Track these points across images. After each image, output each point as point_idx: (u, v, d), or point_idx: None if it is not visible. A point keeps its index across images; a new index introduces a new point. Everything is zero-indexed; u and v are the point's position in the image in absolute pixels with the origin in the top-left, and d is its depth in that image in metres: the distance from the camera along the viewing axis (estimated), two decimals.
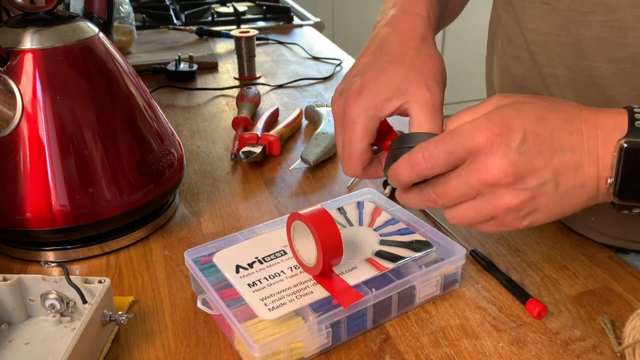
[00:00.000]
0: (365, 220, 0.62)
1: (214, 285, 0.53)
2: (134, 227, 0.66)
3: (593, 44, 0.53)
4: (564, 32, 0.55)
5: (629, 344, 0.46)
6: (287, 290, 0.51)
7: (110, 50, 0.65)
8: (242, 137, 0.85)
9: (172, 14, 1.60)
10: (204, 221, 0.71)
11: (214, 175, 0.81)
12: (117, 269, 0.63)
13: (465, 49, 2.92)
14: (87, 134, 0.60)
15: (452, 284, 0.58)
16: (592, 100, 0.55)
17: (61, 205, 0.60)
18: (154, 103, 0.70)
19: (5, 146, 0.59)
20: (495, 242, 0.65)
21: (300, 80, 1.18)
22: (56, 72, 0.59)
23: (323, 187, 0.78)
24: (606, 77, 0.53)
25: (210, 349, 0.52)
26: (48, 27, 0.60)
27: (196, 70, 1.19)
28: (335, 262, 0.52)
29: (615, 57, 0.52)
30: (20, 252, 0.64)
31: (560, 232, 0.66)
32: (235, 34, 1.17)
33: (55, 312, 0.53)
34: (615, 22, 0.51)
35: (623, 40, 0.51)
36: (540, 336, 0.52)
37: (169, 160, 0.68)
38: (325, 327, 0.49)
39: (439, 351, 0.51)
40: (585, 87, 0.55)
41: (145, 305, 0.57)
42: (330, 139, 0.85)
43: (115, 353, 0.52)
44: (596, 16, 0.52)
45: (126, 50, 1.30)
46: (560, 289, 0.58)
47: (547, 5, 0.56)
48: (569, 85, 0.56)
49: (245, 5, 1.71)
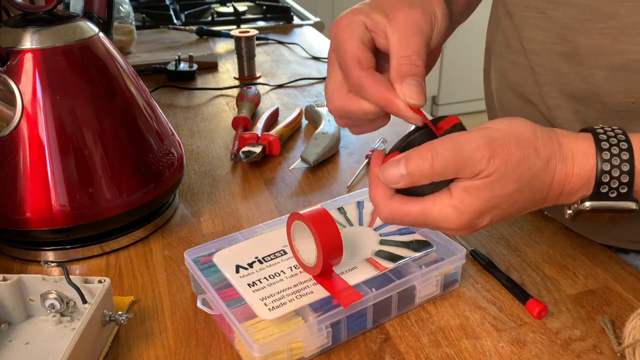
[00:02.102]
0: (365, 220, 0.62)
1: (214, 285, 0.53)
2: (133, 227, 0.66)
3: (589, 51, 0.53)
4: (560, 41, 0.55)
5: (629, 344, 0.46)
6: (287, 290, 0.51)
7: (110, 50, 0.65)
8: (242, 137, 0.85)
9: (172, 13, 1.60)
10: (204, 221, 0.71)
11: (214, 175, 0.81)
12: (117, 269, 0.63)
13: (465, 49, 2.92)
14: (87, 134, 0.60)
15: (452, 283, 0.58)
16: (588, 106, 0.55)
17: (61, 205, 0.59)
18: (154, 103, 0.70)
19: (5, 146, 0.59)
20: (495, 242, 0.65)
21: (300, 80, 1.18)
22: (56, 72, 0.59)
23: (323, 187, 0.78)
24: (602, 84, 0.53)
25: (210, 349, 0.52)
26: (48, 27, 0.60)
27: (196, 70, 1.19)
28: (335, 262, 0.52)
29: (611, 64, 0.52)
30: (20, 252, 0.64)
31: (560, 232, 0.66)
32: (235, 33, 1.17)
33: (55, 312, 0.53)
34: (612, 29, 0.51)
35: (619, 47, 0.51)
36: (540, 336, 0.52)
37: (168, 160, 0.68)
38: (325, 327, 0.49)
39: (439, 351, 0.51)
40: (582, 93, 0.55)
41: (145, 305, 0.57)
42: (330, 139, 0.85)
43: (115, 353, 0.52)
44: (594, 24, 0.52)
45: (126, 50, 1.30)
46: (560, 289, 0.58)
47: (544, 15, 0.56)
48: (565, 92, 0.56)
49: (245, 5, 1.71)
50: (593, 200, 0.44)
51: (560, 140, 0.45)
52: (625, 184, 0.44)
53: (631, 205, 0.44)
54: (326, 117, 0.93)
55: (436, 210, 0.44)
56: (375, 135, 0.92)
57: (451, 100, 3.33)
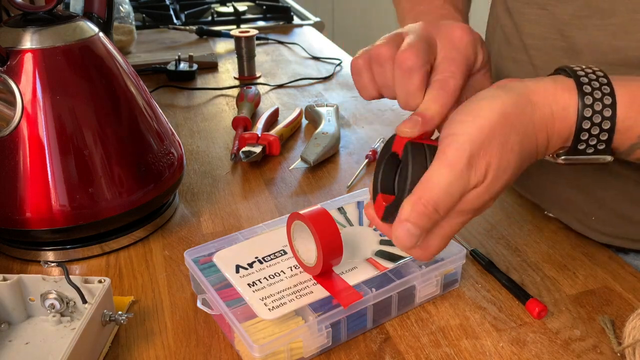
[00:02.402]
0: (365, 220, 0.62)
1: (214, 285, 0.53)
2: (133, 227, 0.66)
3: (588, 47, 0.53)
4: (560, 36, 0.55)
5: (629, 344, 0.46)
6: (287, 290, 0.51)
7: (110, 50, 0.65)
8: (242, 137, 0.85)
9: (172, 13, 1.60)
10: (204, 221, 0.71)
11: (214, 175, 0.81)
12: (117, 268, 0.63)
13: None
14: (87, 134, 0.60)
15: (452, 283, 0.58)
16: None
17: (61, 205, 0.59)
18: (154, 103, 0.70)
19: (5, 146, 0.59)
20: (495, 242, 0.65)
21: (300, 80, 1.18)
22: (56, 72, 0.59)
23: (323, 187, 0.78)
24: None
25: (210, 349, 0.52)
26: (48, 27, 0.60)
27: (196, 70, 1.19)
28: (335, 262, 0.52)
29: (609, 61, 0.52)
30: (20, 252, 0.64)
31: (560, 232, 0.66)
32: (235, 33, 1.17)
33: (55, 312, 0.53)
34: (611, 26, 0.51)
35: (618, 43, 0.51)
36: (540, 336, 0.52)
37: (168, 160, 0.68)
38: (325, 327, 0.49)
39: (439, 351, 0.51)
40: None
41: (145, 305, 0.57)
42: (330, 139, 0.85)
43: (115, 353, 0.52)
44: (592, 20, 0.52)
45: (126, 50, 1.30)
46: (560, 289, 0.58)
47: (544, 11, 0.56)
48: None
49: (245, 5, 1.71)
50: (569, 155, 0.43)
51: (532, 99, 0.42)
52: (604, 141, 0.42)
53: (607, 158, 0.43)
54: (326, 117, 0.93)
55: (434, 180, 0.40)
56: (375, 135, 0.92)
57: None
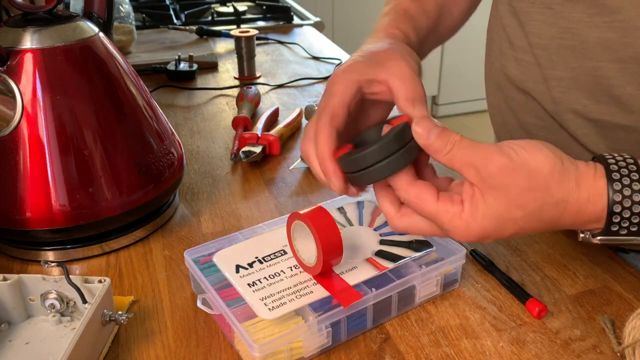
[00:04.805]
0: (365, 220, 0.62)
1: (214, 285, 0.53)
2: (133, 226, 0.66)
3: (598, 44, 0.53)
4: (569, 35, 0.55)
5: (629, 344, 0.46)
6: (287, 290, 0.51)
7: (110, 50, 0.65)
8: (242, 137, 0.85)
9: (172, 13, 1.60)
10: (204, 221, 0.71)
11: (214, 175, 0.81)
12: (117, 268, 0.63)
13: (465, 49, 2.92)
14: (87, 133, 0.60)
15: (452, 283, 0.58)
16: (597, 99, 0.55)
17: (61, 205, 0.59)
18: (154, 103, 0.70)
19: (5, 146, 0.59)
20: (495, 242, 0.65)
21: (300, 80, 1.18)
22: (56, 72, 0.59)
23: (323, 187, 0.78)
24: (611, 77, 0.53)
25: (210, 349, 0.52)
26: (48, 27, 0.60)
27: (196, 70, 1.19)
28: (335, 262, 0.52)
29: (620, 57, 0.52)
30: (20, 252, 0.64)
31: (561, 232, 0.66)
32: (235, 33, 1.17)
33: (55, 311, 0.53)
34: (620, 22, 0.51)
35: (628, 40, 0.51)
36: (540, 336, 0.52)
37: (168, 160, 0.68)
38: (325, 327, 0.49)
39: (439, 351, 0.51)
40: (590, 87, 0.55)
41: (145, 305, 0.57)
42: None
43: (115, 353, 0.52)
44: (601, 17, 0.52)
45: (126, 50, 1.30)
46: (560, 288, 0.58)
47: (550, 10, 0.56)
48: (573, 87, 0.56)
49: (245, 5, 1.71)
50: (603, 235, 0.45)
51: (578, 180, 0.44)
52: (636, 223, 0.43)
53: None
54: None
55: (447, 218, 0.44)
56: None
57: (451, 100, 3.33)
